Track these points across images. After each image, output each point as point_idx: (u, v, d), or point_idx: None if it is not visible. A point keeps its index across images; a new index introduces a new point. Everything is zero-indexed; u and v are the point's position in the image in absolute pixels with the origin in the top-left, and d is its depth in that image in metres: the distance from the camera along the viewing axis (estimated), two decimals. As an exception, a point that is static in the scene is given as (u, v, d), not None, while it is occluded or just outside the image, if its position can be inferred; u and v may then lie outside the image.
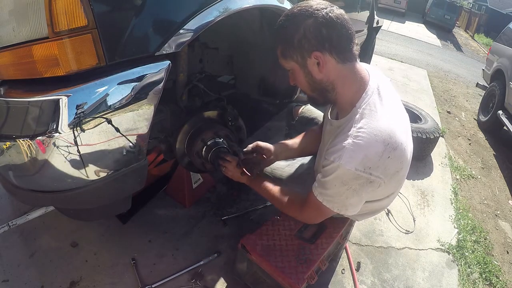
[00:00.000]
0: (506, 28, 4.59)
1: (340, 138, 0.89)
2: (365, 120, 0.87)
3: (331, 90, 0.95)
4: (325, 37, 0.86)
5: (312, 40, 0.87)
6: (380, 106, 0.90)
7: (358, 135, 0.85)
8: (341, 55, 0.89)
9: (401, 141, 0.88)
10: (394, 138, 0.86)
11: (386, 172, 0.89)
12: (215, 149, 1.27)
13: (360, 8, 2.90)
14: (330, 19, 0.85)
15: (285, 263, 1.20)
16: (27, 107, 0.81)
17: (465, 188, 2.76)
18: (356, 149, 0.85)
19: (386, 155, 0.86)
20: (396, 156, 0.88)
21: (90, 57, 0.79)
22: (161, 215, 1.67)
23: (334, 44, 0.87)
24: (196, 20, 0.95)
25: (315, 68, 0.91)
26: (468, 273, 1.84)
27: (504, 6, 17.47)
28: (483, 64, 5.23)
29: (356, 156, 0.84)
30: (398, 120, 0.92)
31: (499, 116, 3.75)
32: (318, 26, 0.86)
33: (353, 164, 0.85)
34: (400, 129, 0.90)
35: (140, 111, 0.90)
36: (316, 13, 0.86)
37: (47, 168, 0.84)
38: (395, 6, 14.55)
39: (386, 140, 0.85)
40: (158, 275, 1.37)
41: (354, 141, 0.85)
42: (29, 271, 1.31)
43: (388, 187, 0.99)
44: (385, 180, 0.91)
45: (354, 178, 0.87)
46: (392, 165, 0.89)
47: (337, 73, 0.92)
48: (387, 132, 0.85)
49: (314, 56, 0.89)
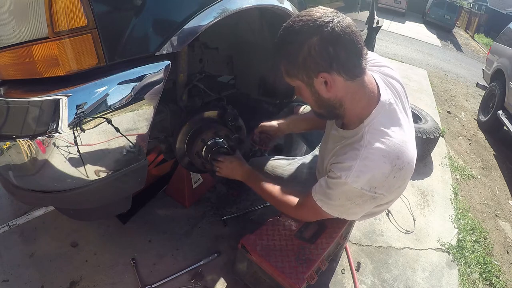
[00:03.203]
0: (506, 28, 4.59)
1: (348, 155, 0.89)
2: (375, 140, 0.86)
3: (339, 107, 0.91)
4: (332, 56, 0.79)
5: (318, 60, 0.80)
6: (390, 124, 0.88)
7: (367, 156, 0.85)
8: (350, 73, 0.83)
9: (408, 160, 0.88)
10: (402, 158, 0.86)
11: (390, 189, 0.91)
12: (215, 149, 1.27)
13: (360, 8, 2.90)
14: (337, 35, 0.78)
15: (285, 263, 1.20)
16: (27, 107, 0.81)
17: (465, 188, 2.76)
18: (364, 169, 0.85)
19: (392, 175, 0.86)
20: (402, 175, 0.89)
21: (90, 57, 0.79)
22: (161, 215, 1.67)
23: (342, 63, 0.81)
24: (196, 20, 0.96)
25: (322, 87, 0.85)
26: (468, 273, 1.84)
27: (504, 6, 17.47)
28: (483, 64, 5.23)
29: (363, 176, 0.85)
30: (407, 135, 0.91)
31: (499, 116, 3.75)
32: (324, 44, 0.78)
33: (359, 184, 0.86)
34: (409, 147, 0.89)
35: (140, 111, 0.90)
36: (321, 28, 0.78)
37: (47, 168, 0.84)
38: (395, 6, 14.55)
39: (394, 161, 0.85)
40: (158, 275, 1.37)
41: (363, 162, 0.85)
42: (29, 271, 1.31)
43: (390, 197, 1.00)
44: (388, 196, 0.93)
45: (359, 195, 0.89)
46: (396, 183, 0.90)
47: (345, 90, 0.87)
48: (395, 153, 0.85)
49: (321, 76, 0.83)
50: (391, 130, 0.87)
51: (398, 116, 0.91)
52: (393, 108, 0.91)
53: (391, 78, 0.99)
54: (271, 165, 1.39)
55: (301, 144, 1.86)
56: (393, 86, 0.98)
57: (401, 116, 0.92)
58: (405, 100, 1.00)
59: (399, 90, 0.99)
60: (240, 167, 1.23)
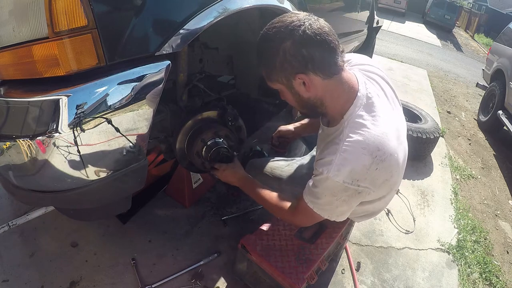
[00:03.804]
0: (506, 28, 4.59)
1: (329, 150, 0.91)
2: (354, 132, 0.87)
3: (320, 106, 0.94)
4: (306, 57, 0.83)
5: (293, 63, 0.84)
6: (368, 117, 0.89)
7: (346, 149, 0.86)
8: (326, 71, 0.86)
9: (391, 152, 0.88)
10: (383, 150, 0.86)
11: (374, 182, 0.91)
12: (215, 149, 1.27)
13: (360, 8, 2.90)
14: (309, 38, 0.81)
15: (285, 263, 1.20)
16: (27, 107, 0.81)
17: (465, 188, 2.76)
18: (343, 162, 0.86)
19: (374, 167, 0.87)
20: (385, 167, 0.89)
21: (90, 57, 0.79)
22: (161, 215, 1.67)
23: (316, 63, 0.84)
24: (196, 20, 0.95)
25: (301, 88, 0.89)
26: (468, 273, 1.84)
27: (504, 6, 17.47)
28: (483, 64, 5.23)
29: (343, 169, 0.86)
30: (389, 127, 0.91)
31: (499, 116, 3.75)
32: (297, 47, 0.82)
33: (341, 177, 0.86)
34: (390, 138, 0.89)
35: (140, 111, 0.90)
36: (293, 32, 0.81)
37: (47, 168, 0.84)
38: (395, 6, 14.54)
39: (374, 153, 0.85)
40: (158, 275, 1.37)
41: (343, 155, 0.86)
42: (29, 271, 1.31)
43: (378, 192, 1.00)
44: (374, 189, 0.93)
45: (342, 190, 0.89)
46: (380, 176, 0.90)
47: (324, 89, 0.90)
48: (375, 145, 0.86)
49: (299, 77, 0.86)
50: (370, 122, 0.88)
51: (379, 109, 0.92)
52: (372, 101, 0.92)
53: (373, 73, 1.01)
54: (270, 166, 1.40)
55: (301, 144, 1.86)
56: (375, 80, 1.00)
57: (382, 109, 0.93)
58: (391, 94, 1.01)
59: (382, 84, 1.00)
60: (235, 174, 1.23)
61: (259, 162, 1.46)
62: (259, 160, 1.52)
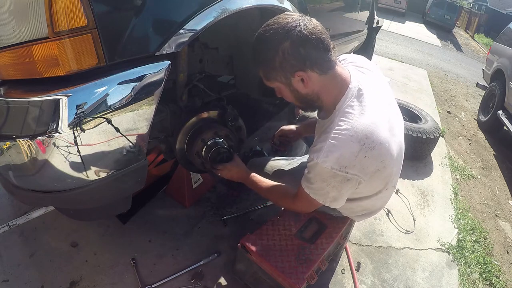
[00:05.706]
0: (506, 28, 4.59)
1: (321, 138, 0.95)
2: (343, 121, 0.91)
3: (316, 100, 0.99)
4: (304, 56, 0.88)
5: (292, 61, 0.89)
6: (358, 106, 0.93)
7: (335, 136, 0.90)
8: (322, 67, 0.91)
9: (381, 141, 0.91)
10: (371, 138, 0.89)
11: (364, 170, 0.93)
12: (215, 149, 1.27)
13: (360, 8, 2.90)
14: (305, 37, 0.86)
15: (285, 263, 1.20)
16: (27, 107, 0.81)
17: (465, 188, 2.76)
18: (332, 149, 0.89)
19: (362, 154, 0.89)
20: (374, 155, 0.91)
21: (90, 57, 0.79)
22: (161, 215, 1.67)
23: (314, 60, 0.89)
24: (196, 20, 0.95)
25: (300, 84, 0.94)
26: (468, 273, 1.84)
27: (504, 6, 17.46)
28: (483, 64, 5.23)
29: (331, 155, 0.89)
30: (380, 117, 0.94)
31: (499, 116, 3.75)
32: (296, 47, 0.87)
33: (329, 163, 0.90)
34: (380, 128, 0.92)
35: (140, 111, 0.90)
36: (290, 33, 0.86)
37: (47, 168, 0.84)
38: (395, 6, 14.53)
39: (362, 140, 0.88)
40: (158, 275, 1.37)
41: (331, 141, 0.90)
42: (29, 271, 1.31)
43: (372, 184, 1.03)
44: (364, 178, 0.95)
45: (331, 176, 0.92)
46: (371, 164, 0.93)
47: (320, 84, 0.94)
48: (364, 133, 0.88)
49: (297, 75, 0.91)
50: (360, 112, 0.92)
51: (369, 100, 0.95)
52: (363, 93, 0.96)
53: (366, 69, 1.06)
54: (270, 165, 1.40)
55: (302, 144, 1.86)
56: (367, 75, 1.04)
57: (373, 100, 0.96)
58: (385, 89, 1.05)
59: (375, 79, 1.04)
60: (237, 170, 1.25)
61: (259, 161, 1.47)
62: (259, 159, 1.53)
